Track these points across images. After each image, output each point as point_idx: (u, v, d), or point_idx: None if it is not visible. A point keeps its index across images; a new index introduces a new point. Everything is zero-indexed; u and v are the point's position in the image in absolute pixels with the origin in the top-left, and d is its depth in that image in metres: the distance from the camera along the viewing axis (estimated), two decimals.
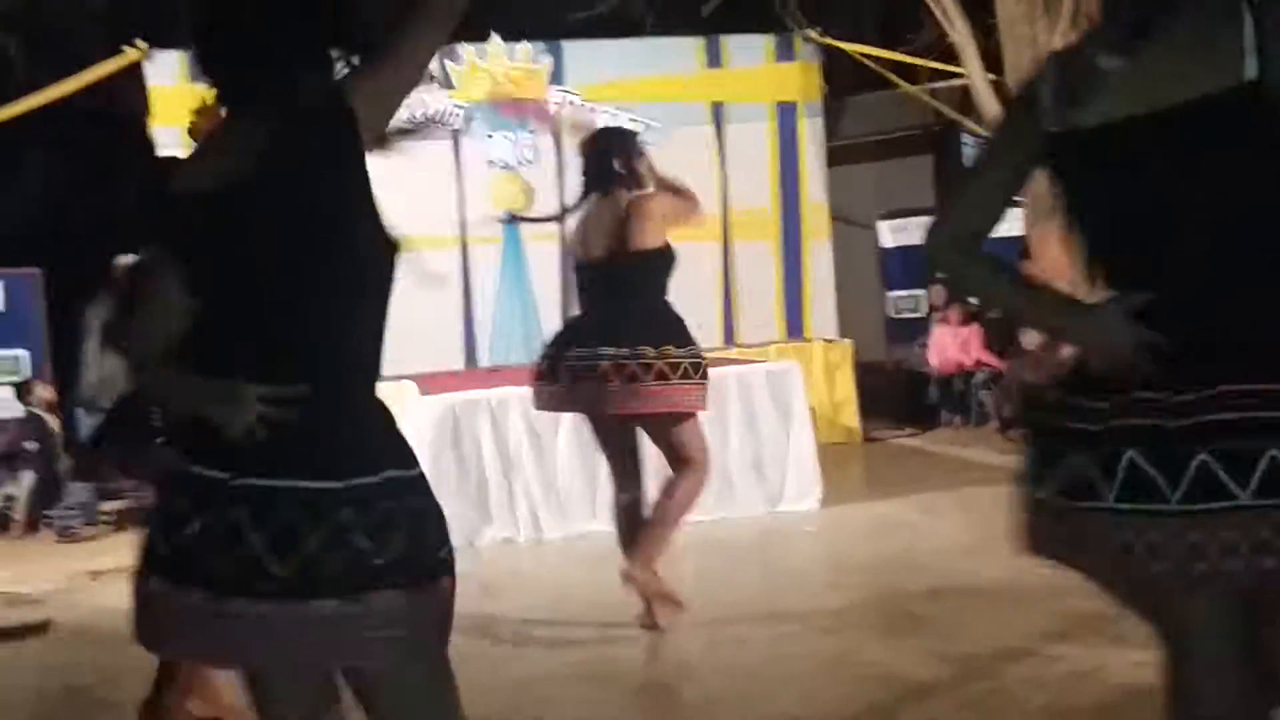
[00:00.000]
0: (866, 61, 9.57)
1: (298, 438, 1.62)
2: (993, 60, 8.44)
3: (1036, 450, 1.75)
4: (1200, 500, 1.52)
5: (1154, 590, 1.64)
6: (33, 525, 7.74)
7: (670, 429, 4.17)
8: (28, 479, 7.81)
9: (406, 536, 1.64)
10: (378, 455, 1.67)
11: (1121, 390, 1.63)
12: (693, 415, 4.22)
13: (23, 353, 9.01)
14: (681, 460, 4.19)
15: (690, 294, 7.37)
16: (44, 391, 8.33)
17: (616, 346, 4.07)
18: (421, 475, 1.73)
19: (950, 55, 8.77)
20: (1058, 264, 8.32)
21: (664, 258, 4.20)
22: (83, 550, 6.98)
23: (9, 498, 7.82)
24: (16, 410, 8.41)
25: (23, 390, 8.45)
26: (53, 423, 8.12)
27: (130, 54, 8.41)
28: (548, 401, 4.44)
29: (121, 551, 3.65)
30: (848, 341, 9.21)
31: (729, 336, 8.96)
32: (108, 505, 7.81)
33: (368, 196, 1.67)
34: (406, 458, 1.72)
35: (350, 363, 1.70)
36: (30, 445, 7.98)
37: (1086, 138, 1.66)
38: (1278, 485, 1.51)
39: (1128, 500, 1.57)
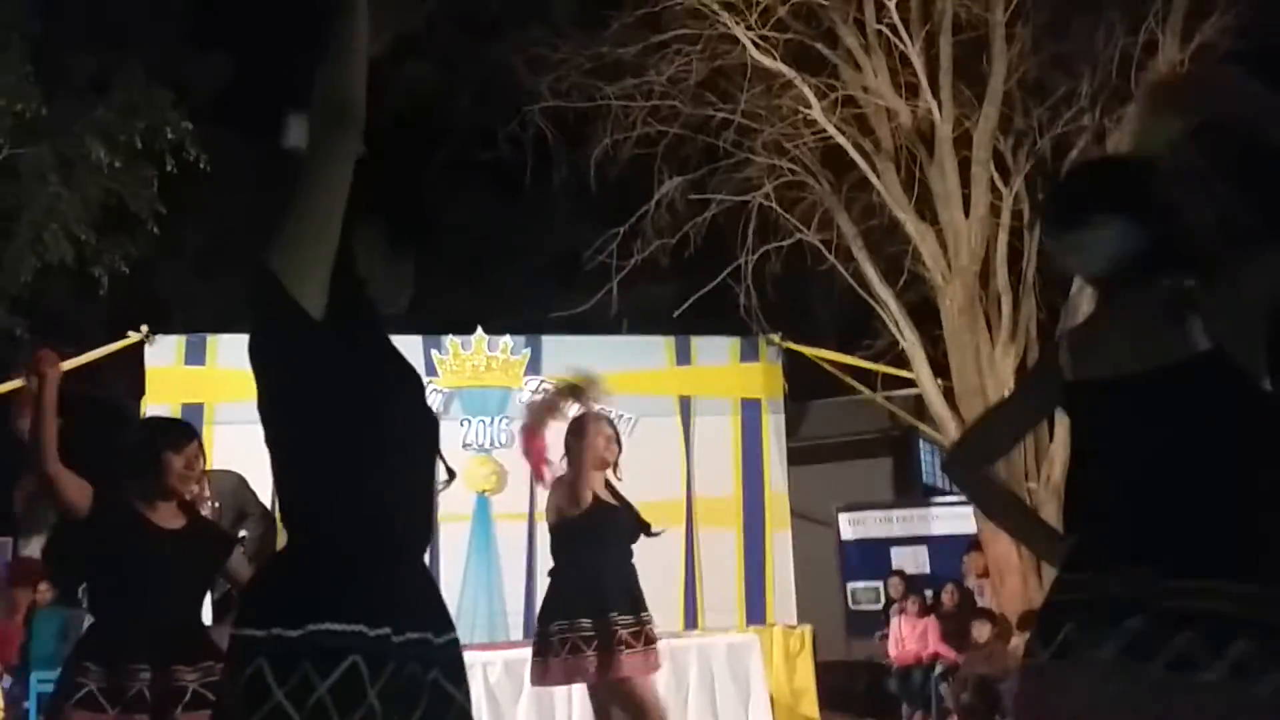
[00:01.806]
0: (825, 365, 9.99)
1: None
2: (940, 367, 9.00)
3: None
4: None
5: None
6: None
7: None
8: None
9: None
10: None
11: None
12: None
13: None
14: None
15: (654, 576, 7.58)
16: None
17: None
18: None
19: (902, 361, 9.22)
20: (1008, 557, 8.63)
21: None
22: None
23: None
24: None
25: None
26: None
27: (133, 337, 8.86)
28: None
29: None
30: (807, 627, 9.08)
31: (691, 620, 8.82)
32: None
33: None
34: None
35: None
36: None
37: (1088, 390, 1.97)
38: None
39: None
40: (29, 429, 3.42)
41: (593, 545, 4.34)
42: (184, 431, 3.69)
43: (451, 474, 1.99)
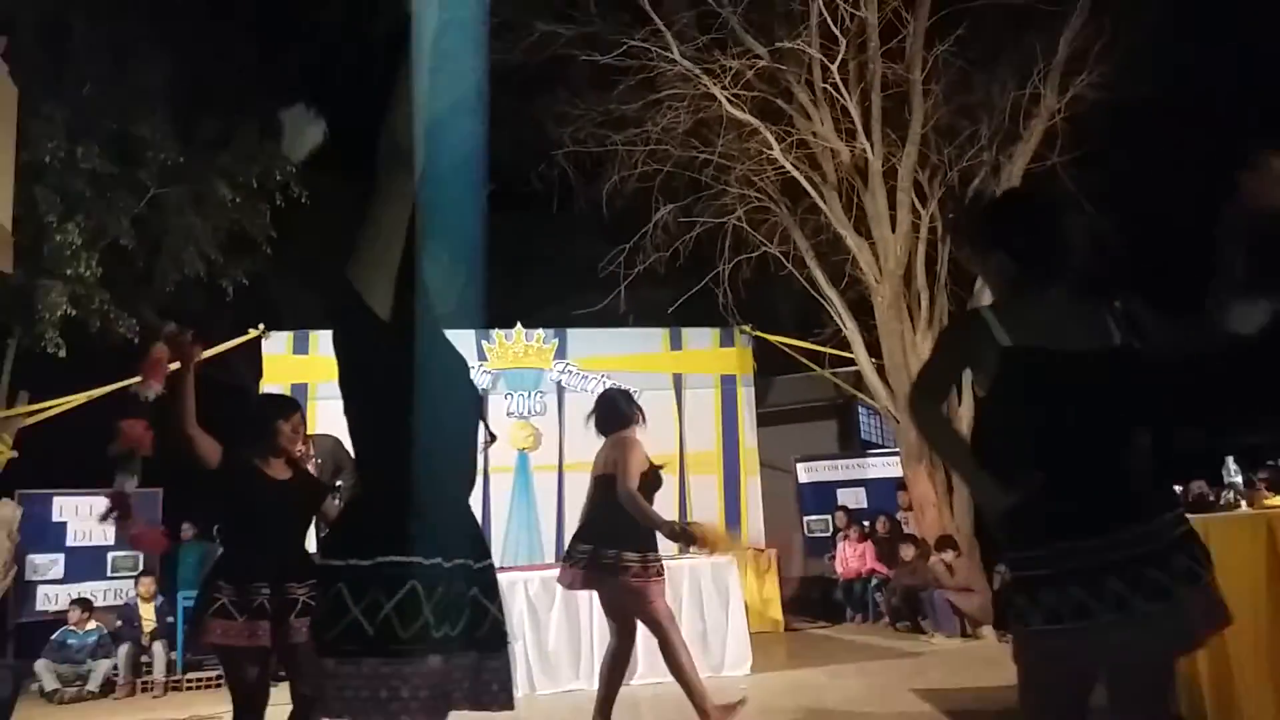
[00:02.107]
0: (785, 348, 10.06)
1: None
2: (874, 349, 8.98)
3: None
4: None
5: None
6: (131, 688, 7.57)
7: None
8: (124, 650, 7.66)
9: None
10: None
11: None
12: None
13: (139, 553, 8.78)
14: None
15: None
16: (145, 586, 8.18)
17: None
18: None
19: (845, 345, 9.18)
20: (926, 495, 8.63)
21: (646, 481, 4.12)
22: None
23: (115, 666, 7.63)
24: (128, 598, 8.34)
25: (135, 581, 8.37)
26: (145, 610, 8.02)
27: (252, 333, 8.90)
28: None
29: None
30: (773, 550, 9.17)
31: (684, 547, 9.00)
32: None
33: None
34: None
35: None
36: (124, 625, 7.88)
37: (1027, 355, 1.91)
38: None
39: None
40: (170, 398, 3.40)
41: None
42: (290, 404, 3.71)
43: (493, 437, 1.98)
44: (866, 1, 8.22)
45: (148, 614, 8.02)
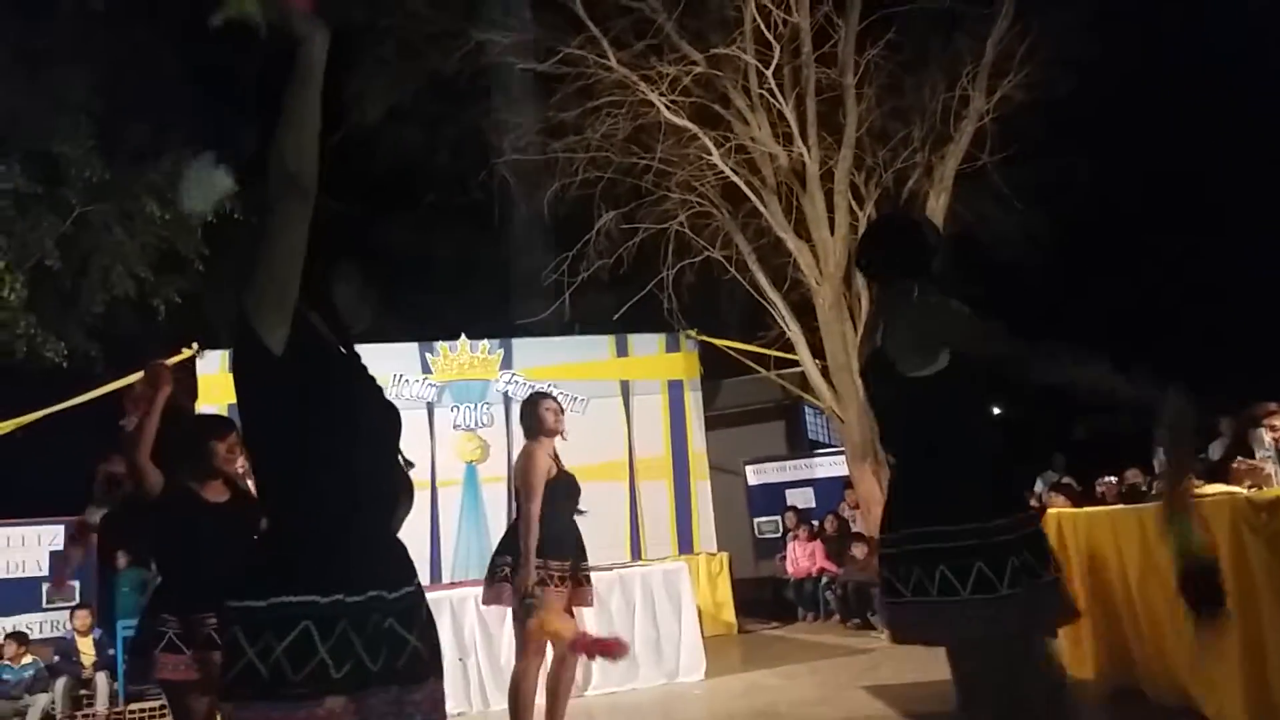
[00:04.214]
0: (730, 351, 10.10)
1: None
2: (817, 350, 9.07)
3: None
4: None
5: None
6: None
7: None
8: (61, 685, 7.42)
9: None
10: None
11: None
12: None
13: (75, 583, 8.60)
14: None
15: (605, 520, 7.60)
16: (81, 619, 7.94)
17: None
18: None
19: (789, 347, 9.25)
20: (871, 493, 8.76)
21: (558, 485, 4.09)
22: None
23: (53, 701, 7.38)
24: (63, 630, 8.08)
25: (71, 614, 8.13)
26: (84, 644, 7.80)
27: (186, 353, 8.66)
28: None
29: None
30: (725, 553, 9.18)
31: (635, 552, 8.94)
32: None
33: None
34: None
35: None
36: (61, 660, 7.65)
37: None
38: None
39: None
40: (135, 425, 3.34)
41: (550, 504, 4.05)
42: (224, 424, 3.60)
43: (409, 464, 1.87)
44: (799, 7, 8.34)
45: (86, 648, 7.80)
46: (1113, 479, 7.37)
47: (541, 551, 3.95)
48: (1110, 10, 8.00)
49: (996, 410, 13.73)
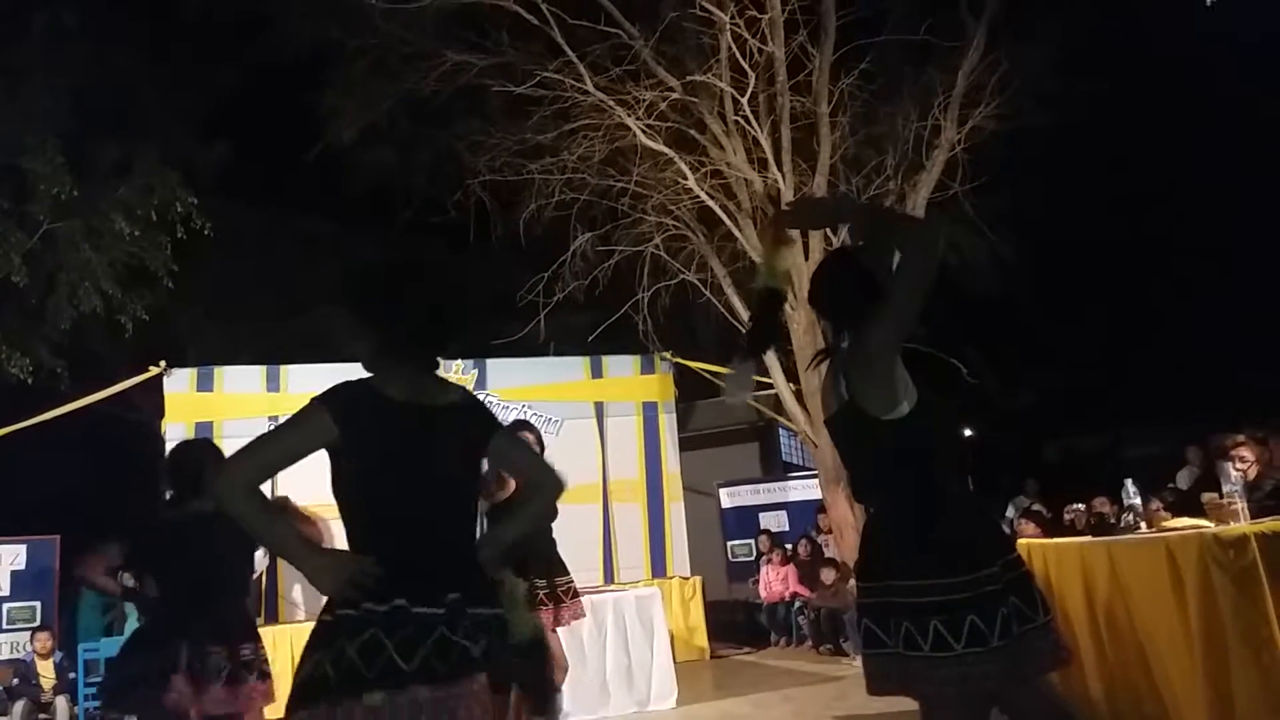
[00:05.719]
0: (705, 374, 10.05)
1: None
2: (791, 374, 9.03)
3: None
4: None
5: None
6: None
7: None
8: (19, 708, 7.27)
9: None
10: None
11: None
12: None
13: (37, 604, 8.51)
14: None
15: (579, 542, 7.55)
16: (41, 641, 7.80)
17: None
18: None
19: (763, 370, 9.18)
20: (845, 518, 8.79)
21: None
22: None
23: None
24: (23, 652, 7.92)
25: (31, 636, 7.96)
26: (43, 667, 7.64)
27: (153, 370, 8.55)
28: None
29: None
30: (698, 577, 9.15)
31: (609, 576, 8.91)
32: None
33: None
34: None
35: None
36: (20, 683, 7.49)
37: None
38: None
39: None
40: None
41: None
42: (208, 447, 3.74)
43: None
44: (773, 37, 8.43)
45: (46, 671, 7.64)
46: (1080, 506, 7.44)
47: (528, 571, 4.01)
48: (1078, 43, 8.17)
49: (967, 432, 13.84)
